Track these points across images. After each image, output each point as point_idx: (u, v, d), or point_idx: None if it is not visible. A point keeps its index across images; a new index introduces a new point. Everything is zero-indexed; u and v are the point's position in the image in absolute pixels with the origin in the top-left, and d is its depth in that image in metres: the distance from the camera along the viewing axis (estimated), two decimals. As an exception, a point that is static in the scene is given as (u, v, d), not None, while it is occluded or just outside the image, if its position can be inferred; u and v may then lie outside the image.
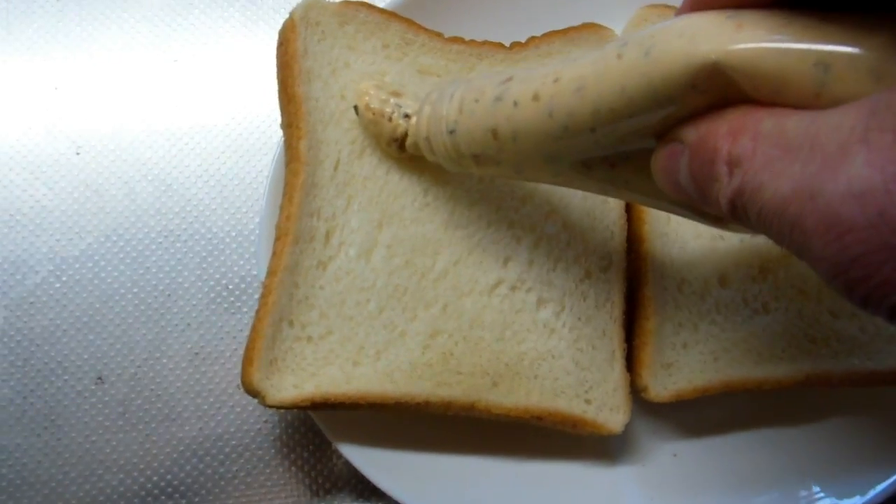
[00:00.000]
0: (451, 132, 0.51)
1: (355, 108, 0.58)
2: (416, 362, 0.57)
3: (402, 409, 0.56)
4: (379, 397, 0.55)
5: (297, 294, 0.56)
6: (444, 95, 0.52)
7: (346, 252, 0.58)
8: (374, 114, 0.57)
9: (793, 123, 0.33)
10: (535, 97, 0.45)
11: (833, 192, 0.30)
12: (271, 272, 0.56)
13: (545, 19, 0.66)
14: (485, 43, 0.64)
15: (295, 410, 0.64)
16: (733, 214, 0.35)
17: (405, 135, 0.57)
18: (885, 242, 0.29)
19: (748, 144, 0.34)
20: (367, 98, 0.57)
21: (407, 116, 0.57)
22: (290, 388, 0.54)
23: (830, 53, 0.34)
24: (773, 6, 0.36)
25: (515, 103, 0.46)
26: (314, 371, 0.55)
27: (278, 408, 0.55)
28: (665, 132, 0.40)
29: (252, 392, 0.54)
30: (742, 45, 0.35)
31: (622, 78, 0.39)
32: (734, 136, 0.35)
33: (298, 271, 0.57)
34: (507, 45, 0.65)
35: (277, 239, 0.57)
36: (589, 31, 0.66)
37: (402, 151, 0.58)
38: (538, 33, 0.65)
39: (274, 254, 0.57)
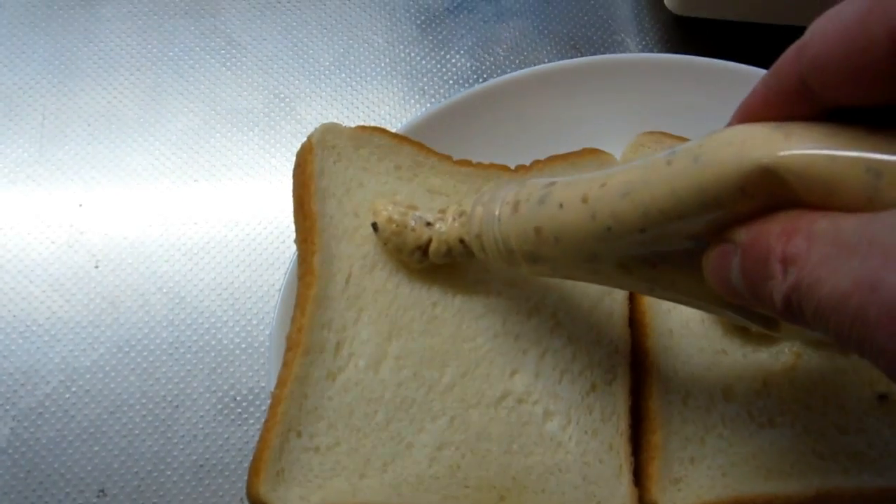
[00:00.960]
0: (501, 230, 0.54)
1: (373, 224, 0.61)
2: (422, 475, 0.57)
3: (408, 524, 0.56)
4: (385, 510, 0.55)
5: (307, 404, 0.57)
6: (497, 196, 0.55)
7: (355, 363, 0.59)
8: (396, 225, 0.60)
9: (848, 224, 0.34)
10: (583, 199, 0.48)
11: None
12: (281, 382, 0.57)
13: (548, 144, 0.70)
14: (491, 165, 0.68)
15: (298, 526, 0.63)
16: (788, 311, 0.36)
17: (429, 241, 0.60)
18: None
19: (802, 244, 0.35)
20: (386, 213, 0.60)
21: (429, 224, 0.60)
22: (297, 499, 0.54)
23: (881, 161, 0.35)
24: (818, 120, 0.38)
25: (560, 205, 0.49)
26: (321, 483, 0.55)
27: (283, 521, 0.55)
28: (712, 234, 0.42)
29: (257, 503, 0.54)
30: (792, 152, 0.37)
31: (673, 181, 0.42)
32: (788, 236, 0.36)
33: (308, 382, 0.57)
34: (513, 167, 0.68)
35: (288, 350, 0.58)
36: (590, 155, 0.70)
37: (424, 259, 0.61)
38: (541, 157, 0.69)
39: (284, 364, 0.58)
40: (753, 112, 0.42)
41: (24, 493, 0.62)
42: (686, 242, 0.44)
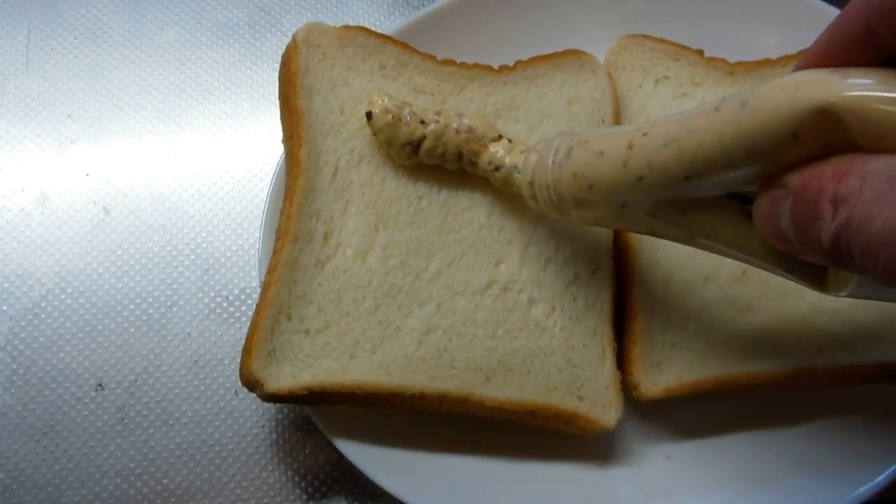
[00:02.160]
0: (553, 176, 0.53)
1: (368, 113, 0.61)
2: (410, 356, 0.58)
3: (397, 401, 0.58)
4: (374, 388, 0.57)
5: (296, 289, 0.58)
6: (552, 144, 0.54)
7: (343, 252, 0.60)
8: (392, 116, 0.61)
9: None
10: (628, 146, 0.47)
11: None
12: (271, 269, 0.59)
13: (531, 45, 0.71)
14: (475, 65, 0.69)
15: (290, 412, 0.65)
16: (835, 251, 0.35)
17: (422, 138, 0.61)
18: None
19: (855, 183, 0.34)
20: (382, 103, 0.61)
21: (423, 122, 0.61)
22: (289, 377, 0.56)
23: None
24: (874, 66, 0.37)
25: (601, 153, 0.49)
26: (311, 362, 0.57)
27: (274, 400, 0.56)
28: (763, 182, 0.41)
29: (250, 382, 0.56)
30: (850, 93, 0.36)
31: (721, 127, 0.41)
32: (840, 177, 0.35)
33: (297, 268, 0.59)
34: (496, 67, 0.69)
35: (277, 239, 0.60)
36: (572, 56, 0.71)
37: (413, 156, 0.62)
38: (524, 58, 0.70)
39: (274, 252, 0.59)
40: (815, 61, 0.40)
41: (24, 388, 0.64)
42: (738, 188, 0.43)
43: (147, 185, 0.72)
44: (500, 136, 0.61)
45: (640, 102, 0.71)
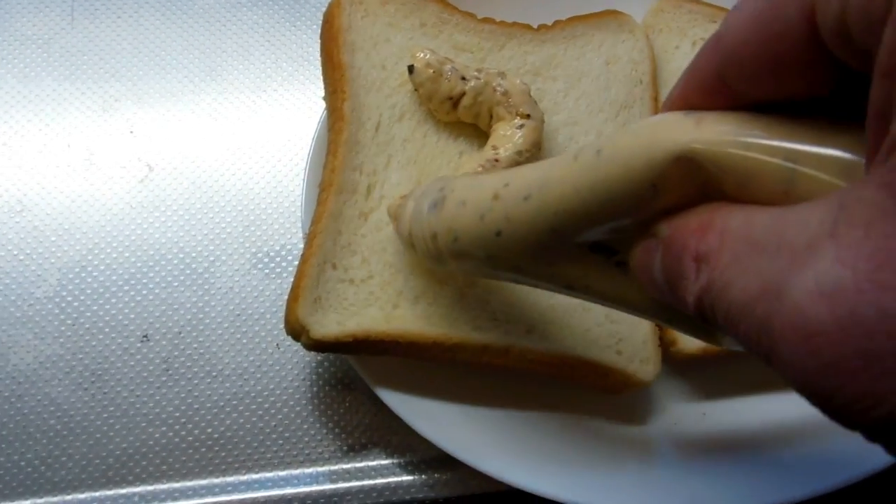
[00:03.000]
0: (428, 225, 0.50)
1: (410, 67, 0.62)
2: (453, 307, 0.59)
3: (438, 351, 0.58)
4: (417, 337, 0.57)
5: (341, 240, 0.59)
6: (429, 190, 0.52)
7: (386, 205, 0.61)
8: (434, 71, 0.61)
9: (760, 219, 0.30)
10: (493, 196, 0.44)
11: (801, 291, 0.26)
12: (316, 219, 0.60)
13: (570, 5, 0.71)
14: (514, 24, 0.69)
15: (330, 365, 0.66)
16: (700, 313, 0.32)
17: (461, 94, 0.62)
18: (859, 347, 0.25)
19: (715, 240, 0.31)
20: (424, 57, 0.62)
21: (463, 79, 0.61)
22: (334, 324, 0.57)
23: (797, 150, 0.31)
24: (733, 109, 0.34)
25: (463, 202, 0.47)
26: (356, 311, 0.58)
27: (319, 348, 0.57)
28: (637, 230, 0.37)
29: (296, 330, 0.57)
30: (706, 137, 0.33)
31: (576, 179, 0.37)
32: (702, 233, 0.32)
33: (342, 220, 0.60)
34: (535, 27, 0.70)
35: (322, 191, 0.61)
36: (610, 17, 0.71)
37: (452, 112, 0.62)
38: (563, 17, 0.70)
39: (318, 203, 0.60)
40: (675, 108, 0.37)
41: (72, 339, 0.65)
42: (614, 236, 0.39)
43: (189, 143, 0.73)
44: (528, 115, 0.61)
45: (677, 64, 0.71)
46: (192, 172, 0.72)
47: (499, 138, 0.62)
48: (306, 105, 0.75)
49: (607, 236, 0.40)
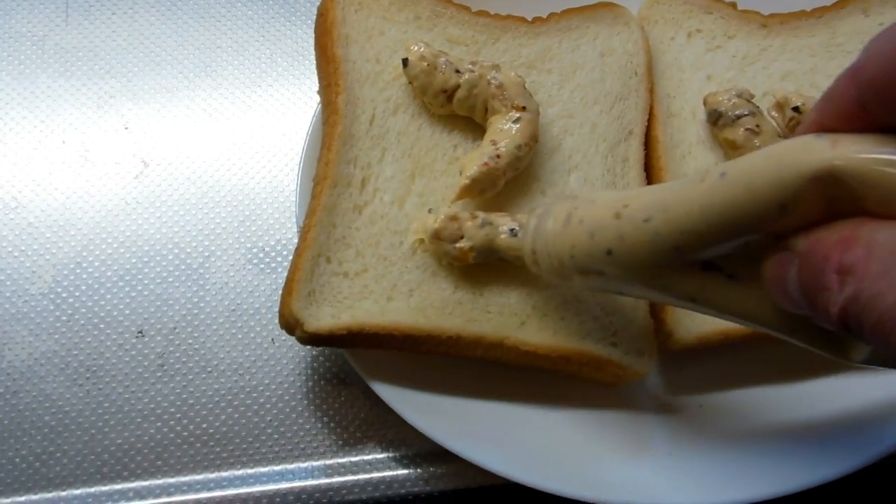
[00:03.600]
0: (553, 243, 0.51)
1: (404, 60, 0.62)
2: (447, 300, 0.59)
3: (433, 344, 0.58)
4: (411, 329, 0.57)
5: (335, 233, 0.59)
6: (551, 209, 0.53)
7: (380, 198, 0.61)
8: (428, 64, 0.61)
9: None
10: (615, 216, 0.46)
11: None
12: (310, 212, 0.59)
13: (566, -1, 0.71)
14: (508, 17, 0.69)
15: (325, 360, 0.66)
16: (844, 324, 0.34)
17: (455, 87, 0.61)
18: None
19: (861, 253, 0.33)
20: (418, 50, 0.62)
21: (458, 72, 0.61)
22: (328, 317, 0.56)
23: None
24: (863, 132, 0.36)
25: (581, 221, 0.49)
26: (350, 304, 0.58)
27: (313, 342, 0.57)
28: (772, 243, 0.39)
29: (290, 323, 0.57)
30: (850, 155, 0.34)
31: (703, 200, 0.39)
32: (846, 246, 0.34)
33: (336, 213, 0.60)
34: (529, 19, 0.69)
35: (316, 184, 0.61)
36: (605, 9, 0.71)
37: (446, 104, 0.62)
38: (558, 10, 0.70)
39: (313, 196, 0.60)
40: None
41: (67, 334, 0.65)
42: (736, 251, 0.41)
43: (184, 138, 0.73)
44: (523, 108, 0.61)
45: (673, 56, 0.71)
46: (187, 168, 0.72)
47: (496, 132, 0.61)
48: (301, 100, 0.75)
49: (725, 253, 0.41)
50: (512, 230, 0.58)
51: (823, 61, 0.70)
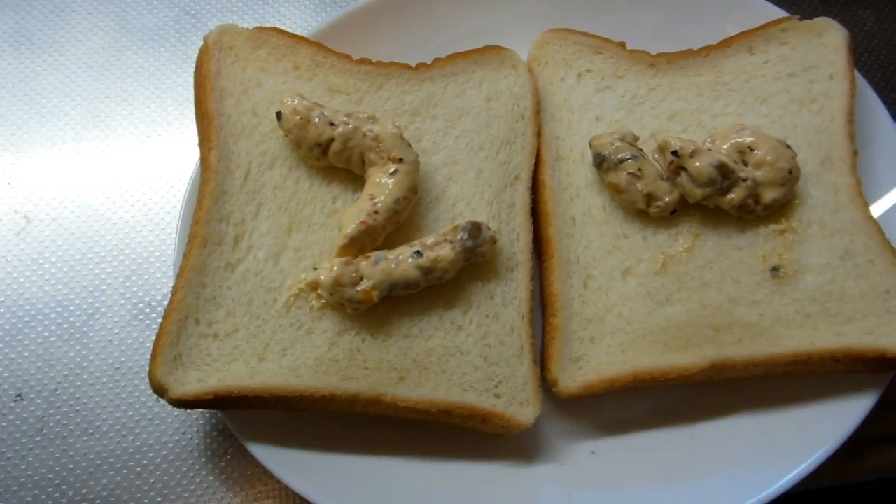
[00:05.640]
0: None
1: (278, 114, 0.61)
2: (322, 358, 0.58)
3: (307, 403, 0.57)
4: (282, 390, 0.56)
5: (205, 293, 0.58)
6: None
7: (254, 255, 0.60)
8: (301, 118, 0.60)
9: None
10: None
11: None
12: (179, 273, 0.58)
13: (454, 45, 0.70)
14: (391, 64, 0.68)
15: (211, 417, 0.65)
16: None
17: (330, 140, 0.60)
18: None
19: None
20: (292, 104, 0.61)
21: (332, 125, 0.60)
22: (194, 382, 0.55)
23: None
24: None
25: None
26: (219, 367, 0.56)
27: (182, 405, 0.56)
28: None
29: (158, 388, 0.55)
30: None
31: None
32: None
33: (206, 272, 0.58)
34: (413, 65, 0.69)
35: (187, 243, 0.59)
36: (492, 52, 0.70)
37: (322, 157, 0.61)
38: (443, 55, 0.69)
39: (184, 257, 0.59)
40: None
41: (-59, 400, 0.63)
42: None
43: (70, 192, 0.71)
44: (400, 159, 0.61)
45: (563, 97, 0.71)
46: (71, 223, 0.70)
47: (374, 186, 0.60)
48: (191, 150, 0.73)
49: None
50: (417, 253, 0.58)
51: (710, 101, 0.70)
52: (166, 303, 0.68)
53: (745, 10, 0.73)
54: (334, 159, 0.62)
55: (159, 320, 0.67)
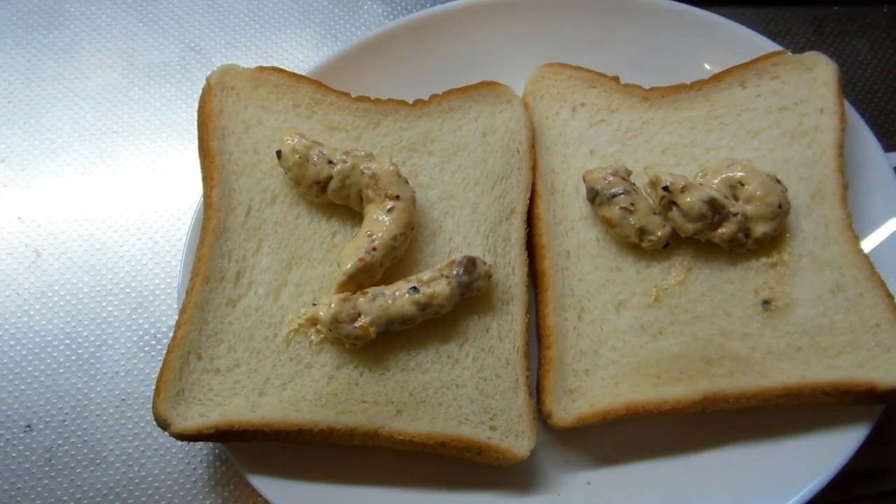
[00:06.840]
0: None
1: (278, 152, 0.63)
2: (320, 392, 0.60)
3: (306, 437, 0.59)
4: (282, 424, 0.58)
5: (207, 329, 0.60)
6: None
7: (255, 291, 0.62)
8: (300, 156, 0.62)
9: None
10: None
11: None
12: (182, 309, 0.60)
13: (451, 80, 0.72)
14: (389, 101, 0.70)
15: (215, 447, 0.66)
16: None
17: (329, 178, 0.62)
18: None
19: None
20: (291, 143, 0.63)
21: (330, 163, 0.62)
22: (196, 416, 0.57)
23: None
24: None
25: None
26: (221, 401, 0.58)
27: (185, 439, 0.58)
28: None
29: (161, 422, 0.57)
30: None
31: None
32: None
33: (208, 308, 0.60)
34: (411, 102, 0.70)
35: (190, 279, 0.61)
36: (487, 88, 0.72)
37: (321, 195, 0.63)
38: (439, 91, 0.71)
39: (187, 293, 0.61)
40: None
41: (-47, 431, 0.65)
42: None
43: (78, 226, 0.73)
44: (397, 196, 0.62)
45: (558, 131, 0.72)
46: (79, 257, 0.72)
47: (372, 223, 0.62)
48: (195, 182, 0.75)
49: None
50: (413, 289, 0.59)
51: (702, 134, 0.71)
52: (171, 334, 0.69)
53: (737, 43, 0.74)
54: (333, 196, 0.63)
55: (164, 352, 0.69)
